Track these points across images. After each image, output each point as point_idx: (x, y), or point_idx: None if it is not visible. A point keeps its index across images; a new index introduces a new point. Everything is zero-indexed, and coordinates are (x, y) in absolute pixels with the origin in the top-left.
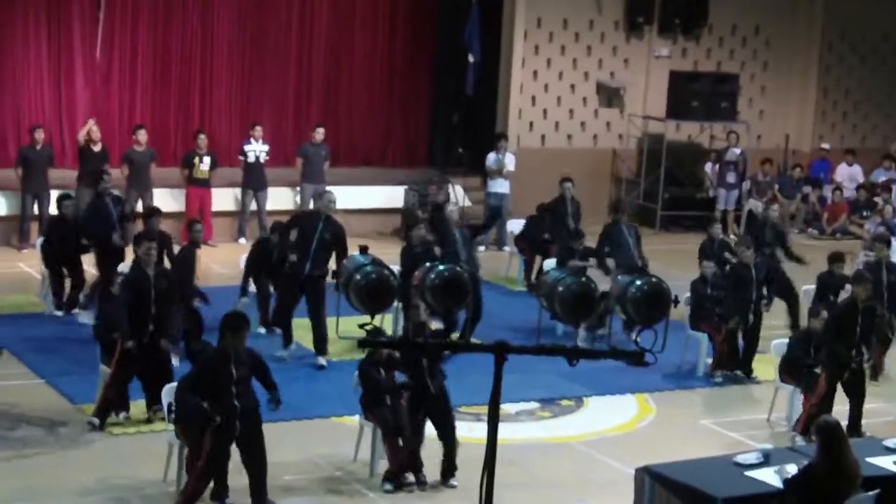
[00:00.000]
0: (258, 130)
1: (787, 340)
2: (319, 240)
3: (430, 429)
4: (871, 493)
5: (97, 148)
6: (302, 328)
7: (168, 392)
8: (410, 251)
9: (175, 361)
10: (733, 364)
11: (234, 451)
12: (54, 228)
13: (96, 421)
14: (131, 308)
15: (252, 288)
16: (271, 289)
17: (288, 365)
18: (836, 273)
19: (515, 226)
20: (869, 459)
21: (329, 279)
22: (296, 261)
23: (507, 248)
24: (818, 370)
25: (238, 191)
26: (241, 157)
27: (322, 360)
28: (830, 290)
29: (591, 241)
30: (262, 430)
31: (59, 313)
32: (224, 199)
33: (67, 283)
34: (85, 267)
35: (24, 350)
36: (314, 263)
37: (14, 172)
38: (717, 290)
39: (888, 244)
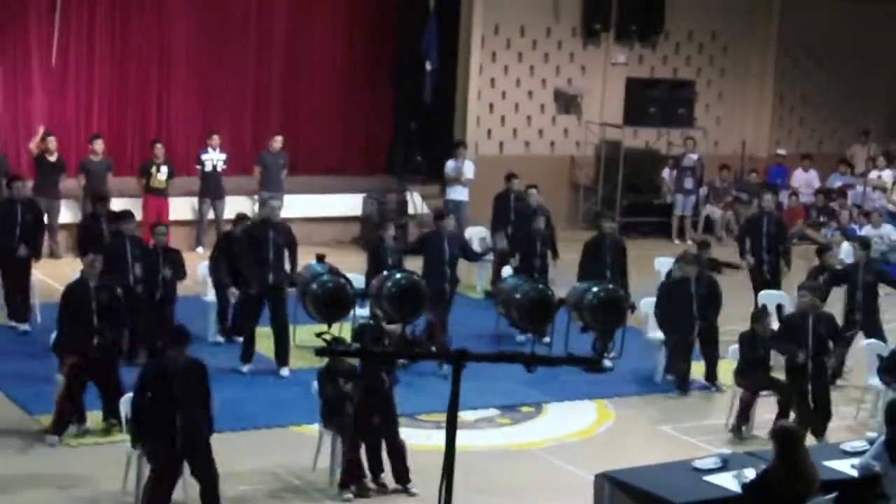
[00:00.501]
0: (215, 139)
1: None
2: (275, 249)
3: (410, 437)
4: (828, 496)
5: (53, 158)
6: (261, 336)
7: (125, 403)
8: (382, 246)
9: None
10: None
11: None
12: (3, 211)
13: (55, 439)
14: (74, 321)
15: (211, 297)
16: (232, 299)
17: (246, 374)
18: (826, 265)
19: (474, 232)
20: (826, 463)
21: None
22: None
23: None
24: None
25: (195, 200)
26: (199, 167)
27: (284, 371)
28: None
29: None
30: (206, 445)
31: (14, 324)
32: (181, 208)
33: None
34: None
35: None
36: (275, 273)
37: None
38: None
39: (867, 247)
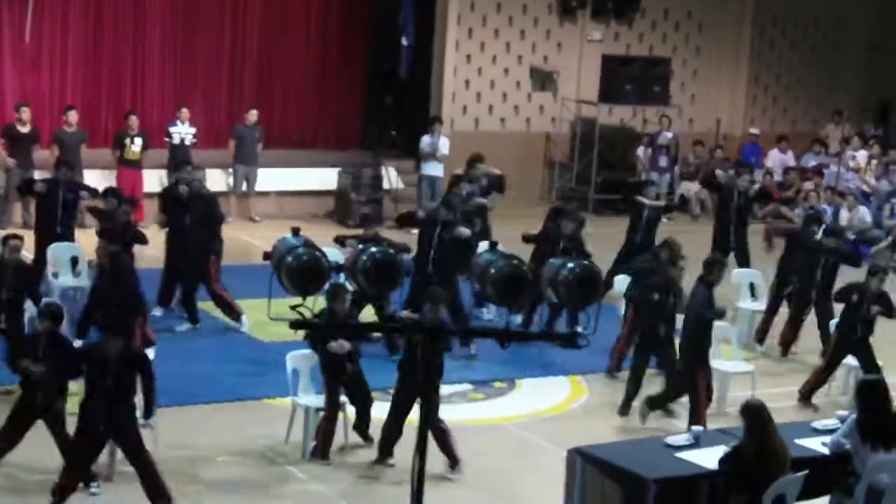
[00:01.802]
0: (185, 112)
1: (724, 323)
2: (193, 218)
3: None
4: (799, 473)
5: (26, 129)
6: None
7: None
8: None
9: None
10: None
11: None
12: None
13: None
14: None
15: None
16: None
17: (221, 347)
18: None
19: None
20: (797, 441)
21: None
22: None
23: None
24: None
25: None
26: (167, 139)
27: (242, 323)
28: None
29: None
30: (133, 438)
31: None
32: (155, 180)
33: None
34: None
35: None
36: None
37: None
38: None
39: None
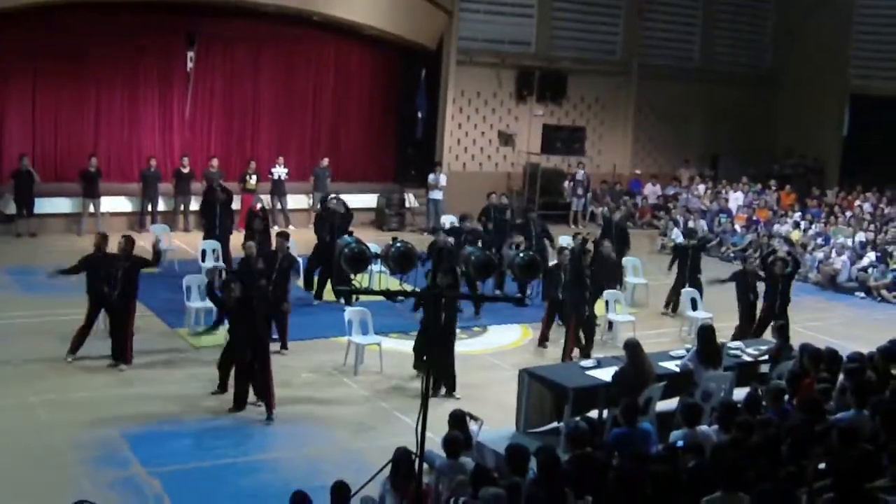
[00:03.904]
0: (281, 160)
1: (617, 291)
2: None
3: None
4: (660, 384)
5: (186, 170)
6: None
7: None
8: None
9: None
10: None
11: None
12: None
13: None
14: None
15: None
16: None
17: (305, 306)
18: (691, 243)
19: (446, 219)
20: (660, 363)
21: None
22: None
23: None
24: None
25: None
26: (269, 176)
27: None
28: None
29: None
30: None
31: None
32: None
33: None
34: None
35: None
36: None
37: (137, 186)
38: None
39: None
